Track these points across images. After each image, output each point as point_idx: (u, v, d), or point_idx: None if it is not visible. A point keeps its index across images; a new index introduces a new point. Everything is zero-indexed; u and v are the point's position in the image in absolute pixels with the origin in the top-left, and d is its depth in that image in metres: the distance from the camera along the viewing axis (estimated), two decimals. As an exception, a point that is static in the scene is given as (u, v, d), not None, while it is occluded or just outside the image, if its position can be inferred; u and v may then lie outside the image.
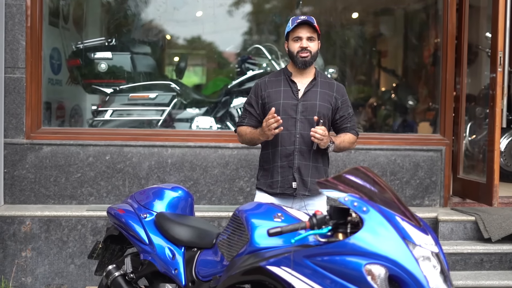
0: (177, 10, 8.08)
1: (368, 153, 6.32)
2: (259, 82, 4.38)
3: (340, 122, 4.37)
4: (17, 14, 5.92)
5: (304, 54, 4.20)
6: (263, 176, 4.35)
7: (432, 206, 6.38)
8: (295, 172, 4.22)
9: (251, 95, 4.38)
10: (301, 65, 4.22)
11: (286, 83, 4.28)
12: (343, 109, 4.35)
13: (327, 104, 4.26)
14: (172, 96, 7.45)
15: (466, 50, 6.60)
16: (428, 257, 2.85)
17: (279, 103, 4.21)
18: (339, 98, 4.33)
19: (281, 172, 4.24)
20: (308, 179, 4.23)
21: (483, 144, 6.52)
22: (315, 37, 4.24)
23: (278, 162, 4.24)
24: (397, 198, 3.05)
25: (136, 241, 3.90)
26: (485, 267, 5.52)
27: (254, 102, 4.33)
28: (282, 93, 4.25)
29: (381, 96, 8.71)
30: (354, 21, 8.47)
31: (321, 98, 4.25)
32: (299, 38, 4.21)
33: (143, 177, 6.09)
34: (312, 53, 4.22)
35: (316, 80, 4.29)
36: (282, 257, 2.97)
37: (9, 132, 5.95)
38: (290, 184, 4.23)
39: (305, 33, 4.20)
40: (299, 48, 4.20)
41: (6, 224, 5.59)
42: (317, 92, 4.26)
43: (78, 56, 7.54)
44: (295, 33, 4.22)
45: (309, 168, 4.23)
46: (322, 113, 4.21)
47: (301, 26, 4.21)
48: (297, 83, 4.27)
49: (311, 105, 4.22)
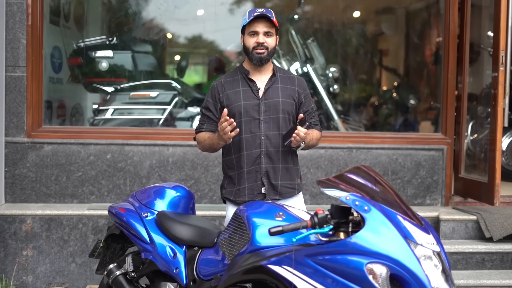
0: (178, 9, 8.08)
1: (369, 152, 6.31)
2: (215, 84, 4.07)
3: None
4: (18, 13, 5.92)
5: (260, 50, 3.91)
6: (229, 184, 4.04)
7: (434, 205, 6.37)
8: (263, 176, 3.94)
9: (207, 99, 4.07)
10: (257, 62, 3.93)
11: (244, 82, 4.00)
12: (306, 104, 4.08)
13: (290, 100, 4.00)
14: (173, 95, 7.45)
15: (468, 49, 6.59)
16: (430, 256, 2.85)
17: (240, 105, 3.94)
18: (302, 92, 4.07)
19: (248, 178, 3.95)
20: (278, 182, 3.95)
21: (485, 143, 6.50)
22: (272, 32, 3.95)
23: (244, 167, 3.95)
24: (398, 197, 3.05)
25: (137, 240, 3.89)
26: (486, 266, 5.51)
27: (212, 106, 4.03)
28: (241, 93, 3.97)
29: (383, 95, 8.70)
30: (356, 20, 8.47)
31: (283, 94, 3.99)
32: (255, 32, 3.92)
33: (144, 176, 6.09)
34: (269, 49, 3.93)
35: (275, 76, 4.02)
36: (283, 256, 2.97)
37: (10, 131, 5.95)
38: (259, 190, 3.94)
39: (262, 27, 3.92)
40: (255, 43, 3.92)
41: (7, 223, 5.58)
42: (279, 89, 4.00)
43: (79, 54, 7.55)
44: (252, 27, 3.93)
45: (278, 170, 3.96)
46: (287, 110, 3.97)
47: (258, 20, 3.91)
48: (256, 82, 3.99)
49: (274, 103, 3.95)
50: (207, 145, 4.01)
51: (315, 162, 6.18)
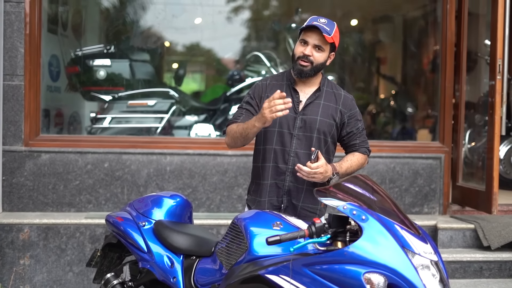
0: (176, 17, 8.10)
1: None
2: (260, 83, 3.83)
3: (348, 139, 3.84)
4: (16, 22, 5.92)
5: (304, 62, 3.65)
6: (254, 192, 3.84)
7: (431, 214, 6.37)
8: (285, 194, 3.73)
9: (250, 95, 3.81)
10: (296, 74, 3.70)
11: (288, 91, 3.73)
12: (351, 124, 3.80)
13: (329, 119, 3.73)
14: (171, 103, 7.46)
15: (465, 57, 6.61)
16: (427, 266, 2.85)
17: None
18: (346, 112, 3.78)
19: (269, 192, 3.75)
20: (299, 204, 3.73)
21: (483, 151, 6.51)
22: (324, 48, 3.67)
23: (267, 180, 3.74)
24: (396, 207, 3.05)
25: (134, 249, 3.88)
26: (484, 275, 5.51)
27: (254, 103, 3.78)
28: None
29: (380, 103, 8.72)
30: (353, 28, 8.49)
31: (323, 112, 3.72)
32: (306, 42, 3.66)
33: (142, 184, 6.08)
34: (314, 64, 3.66)
35: (320, 91, 3.76)
36: (281, 266, 2.97)
37: (7, 140, 5.94)
38: (278, 206, 3.74)
39: (314, 39, 3.64)
40: (301, 53, 3.66)
41: (4, 232, 5.57)
42: (320, 106, 3.73)
43: (77, 63, 7.55)
44: (304, 35, 3.67)
45: (301, 192, 3.72)
46: (323, 130, 3.71)
47: (313, 30, 3.64)
48: (299, 93, 3.75)
49: (310, 121, 3.70)
50: (239, 132, 3.64)
51: (313, 171, 6.17)
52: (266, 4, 8.60)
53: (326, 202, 3.00)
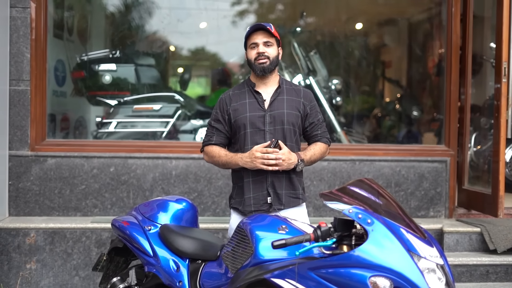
0: (181, 22, 8.12)
1: (372, 164, 6.31)
2: (223, 97, 4.12)
3: (310, 130, 4.13)
4: (22, 27, 5.94)
5: (261, 60, 3.97)
6: (237, 194, 4.07)
7: (437, 218, 6.36)
8: (269, 186, 3.96)
9: (216, 111, 4.11)
10: (260, 72, 3.99)
11: (251, 94, 4.04)
12: (312, 116, 4.11)
13: (295, 111, 4.04)
14: (176, 107, 7.47)
15: (471, 60, 6.60)
16: (433, 269, 2.85)
17: (246, 116, 3.99)
18: (307, 104, 4.09)
19: (254, 188, 3.98)
20: (283, 191, 3.97)
21: (488, 154, 6.50)
22: (272, 42, 4.01)
23: (249, 177, 3.98)
24: (401, 210, 3.04)
25: (140, 253, 3.89)
26: (490, 278, 5.50)
27: (221, 118, 4.07)
28: (247, 105, 4.01)
29: (386, 106, 8.72)
30: (358, 32, 8.49)
31: (288, 106, 4.03)
32: (255, 44, 3.99)
33: (148, 189, 6.09)
34: (271, 59, 3.98)
35: (281, 88, 4.07)
36: (286, 270, 2.97)
37: (14, 144, 5.96)
38: (265, 200, 3.96)
39: (260, 38, 3.98)
40: (256, 54, 3.98)
41: (10, 236, 5.59)
42: (284, 100, 4.04)
43: (83, 68, 7.57)
44: (251, 39, 4.01)
45: (282, 180, 3.97)
46: (291, 121, 4.00)
47: (256, 32, 4.00)
48: (262, 94, 4.04)
49: (279, 114, 3.99)
50: (222, 162, 4.04)
51: (318, 175, 6.18)
52: (271, 8, 8.61)
53: (331, 206, 3.00)
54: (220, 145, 4.10)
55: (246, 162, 3.88)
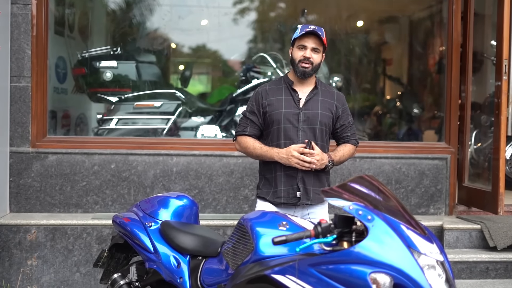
0: (182, 19, 8.12)
1: (373, 162, 6.32)
2: (260, 90, 4.30)
3: (341, 131, 4.35)
4: (23, 24, 5.95)
5: (305, 64, 4.14)
6: (265, 185, 4.27)
7: (437, 215, 6.37)
8: (299, 181, 4.16)
9: (252, 103, 4.29)
10: (300, 75, 4.17)
11: (288, 91, 4.22)
12: (344, 118, 4.33)
13: (328, 113, 4.23)
14: (177, 104, 7.47)
15: (471, 58, 6.60)
16: (433, 266, 2.85)
17: (281, 112, 4.16)
18: (340, 107, 4.29)
19: (285, 182, 4.18)
20: (311, 188, 4.18)
21: (489, 152, 6.50)
22: (320, 50, 4.18)
23: (282, 171, 4.17)
24: (402, 207, 3.05)
25: (141, 250, 3.90)
26: (490, 275, 5.50)
27: (256, 110, 4.26)
28: (283, 101, 4.19)
29: (386, 104, 8.71)
30: (359, 30, 8.49)
31: (322, 107, 4.21)
32: (304, 47, 4.15)
33: (148, 185, 6.10)
34: (314, 65, 4.16)
35: (317, 89, 4.25)
36: (287, 266, 2.97)
37: (14, 141, 5.97)
38: (294, 194, 4.17)
39: (311, 43, 4.14)
40: (302, 57, 4.15)
41: (11, 233, 5.60)
42: (318, 101, 4.22)
43: (84, 65, 7.57)
44: (301, 41, 4.15)
45: (311, 177, 4.17)
46: (324, 122, 4.20)
47: (308, 36, 4.14)
48: (298, 92, 4.21)
49: (313, 114, 4.18)
50: (256, 154, 4.23)
51: (319, 172, 6.18)
52: (272, 6, 8.61)
53: (332, 202, 3.01)
54: (253, 136, 4.28)
55: (282, 157, 4.09)
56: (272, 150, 4.15)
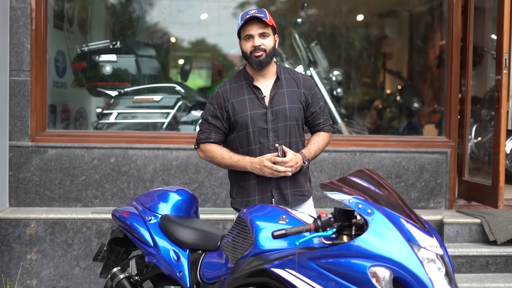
0: (181, 13, 8.10)
1: (373, 156, 6.31)
2: (219, 91, 3.90)
3: (312, 120, 3.98)
4: (22, 17, 5.93)
5: (257, 53, 3.75)
6: (238, 194, 3.94)
7: (438, 209, 6.36)
8: (273, 187, 3.84)
9: (213, 106, 3.89)
10: (257, 66, 3.78)
11: (249, 89, 3.85)
12: (314, 104, 3.94)
13: (297, 104, 3.86)
14: (177, 98, 7.47)
15: (472, 52, 6.59)
16: (433, 260, 2.85)
17: (247, 115, 3.81)
18: (308, 93, 3.91)
19: (259, 190, 3.84)
20: (288, 191, 3.85)
21: (489, 146, 6.50)
22: (268, 33, 3.79)
23: (254, 179, 3.83)
24: (402, 201, 3.05)
25: (140, 244, 3.90)
26: (490, 269, 5.51)
27: (220, 114, 3.87)
28: (247, 102, 3.83)
29: (386, 98, 8.71)
30: (359, 23, 8.47)
31: (289, 99, 3.84)
32: (250, 36, 3.78)
33: (148, 179, 6.10)
34: (268, 51, 3.77)
35: (280, 80, 3.87)
36: (286, 260, 2.97)
37: (14, 135, 5.96)
38: (269, 201, 3.83)
39: (256, 29, 3.76)
40: (251, 47, 3.77)
41: (11, 227, 5.59)
42: (284, 94, 3.85)
43: (83, 58, 7.57)
44: (246, 30, 3.79)
45: (286, 180, 3.83)
46: (295, 116, 3.84)
47: (251, 23, 3.77)
48: (261, 88, 3.84)
49: (281, 110, 3.82)
50: (226, 164, 3.86)
51: (319, 166, 6.18)
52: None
53: (332, 196, 3.00)
54: (219, 143, 3.93)
55: (255, 168, 3.74)
56: (244, 159, 3.79)
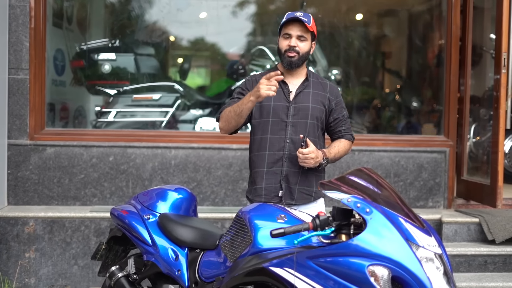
0: (180, 12, 8.10)
1: (372, 155, 6.31)
2: (250, 79, 4.05)
3: (334, 125, 4.06)
4: (21, 15, 5.93)
5: (291, 54, 3.87)
6: (250, 182, 4.03)
7: (436, 208, 6.37)
8: (283, 179, 3.89)
9: (242, 87, 4.02)
10: (287, 65, 3.90)
11: (278, 83, 3.83)
12: (337, 111, 4.04)
13: (320, 106, 3.96)
14: (175, 97, 7.47)
15: (470, 51, 6.59)
16: (432, 259, 2.85)
17: (270, 105, 3.90)
18: (333, 100, 4.01)
19: (267, 179, 3.91)
20: (296, 187, 3.90)
21: (487, 145, 6.50)
22: (306, 37, 3.90)
23: (263, 167, 3.91)
24: (400, 200, 3.05)
25: (139, 242, 3.90)
26: (489, 269, 5.51)
27: (246, 94, 3.90)
28: None
29: (385, 97, 8.71)
30: (358, 23, 8.47)
31: (313, 100, 3.95)
32: (289, 35, 3.88)
33: (147, 178, 6.10)
34: (301, 54, 3.88)
35: (308, 81, 3.99)
36: (285, 258, 2.97)
37: (13, 133, 5.96)
38: (276, 192, 3.89)
39: (295, 31, 3.87)
40: (287, 46, 3.88)
41: (9, 225, 5.59)
42: (310, 94, 3.96)
43: (82, 57, 7.56)
44: (286, 29, 3.89)
45: (298, 175, 3.89)
46: (315, 115, 3.94)
47: (292, 23, 3.88)
48: (288, 84, 3.96)
49: (303, 108, 3.92)
50: (233, 110, 3.82)
51: (318, 165, 6.17)
52: (271, -2, 8.60)
53: (330, 195, 3.01)
54: None
55: (253, 93, 3.69)
56: (244, 97, 3.80)
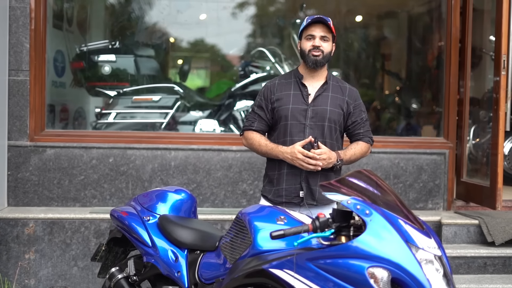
0: (181, 13, 8.10)
1: (371, 156, 6.31)
2: (269, 85, 4.16)
3: (353, 128, 4.15)
4: (21, 17, 5.93)
5: (316, 52, 3.99)
6: (269, 183, 4.13)
7: (436, 210, 6.37)
8: (303, 180, 3.99)
9: (261, 98, 4.15)
10: (312, 64, 4.01)
11: (297, 86, 4.08)
12: (356, 114, 4.13)
13: (338, 109, 4.05)
14: (175, 99, 7.47)
15: (470, 53, 6.59)
16: (431, 260, 2.86)
17: (288, 108, 4.02)
18: (352, 103, 4.11)
19: (287, 180, 4.02)
20: (316, 188, 3.98)
21: (487, 147, 6.50)
22: (329, 38, 4.04)
23: (284, 169, 4.02)
24: (400, 201, 3.05)
25: (139, 244, 3.90)
26: (488, 270, 5.51)
27: (264, 106, 4.11)
28: (291, 97, 4.04)
29: (385, 99, 8.71)
30: (358, 24, 8.48)
31: (332, 103, 4.04)
32: (312, 36, 4.02)
33: (147, 179, 6.10)
34: (325, 53, 4.02)
35: (327, 84, 4.09)
36: (285, 260, 2.98)
37: (13, 135, 5.96)
38: (297, 193, 4.01)
39: (318, 31, 4.01)
40: (311, 46, 4.01)
41: (9, 226, 5.59)
42: (328, 97, 4.05)
43: (82, 58, 7.56)
44: (308, 31, 4.03)
45: (317, 176, 3.99)
46: (333, 119, 4.03)
47: (315, 25, 4.03)
48: (308, 87, 4.06)
49: (321, 111, 4.02)
50: (262, 151, 4.10)
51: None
52: (271, 0, 8.59)
53: (330, 197, 3.01)
54: (260, 132, 4.15)
55: (286, 157, 3.95)
56: (278, 148, 4.00)
